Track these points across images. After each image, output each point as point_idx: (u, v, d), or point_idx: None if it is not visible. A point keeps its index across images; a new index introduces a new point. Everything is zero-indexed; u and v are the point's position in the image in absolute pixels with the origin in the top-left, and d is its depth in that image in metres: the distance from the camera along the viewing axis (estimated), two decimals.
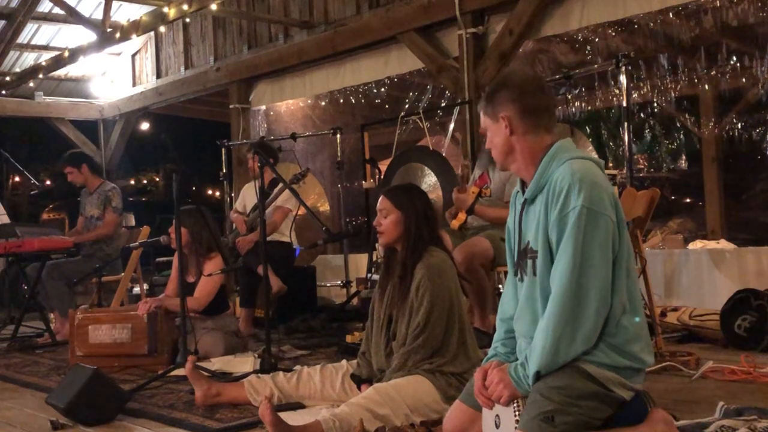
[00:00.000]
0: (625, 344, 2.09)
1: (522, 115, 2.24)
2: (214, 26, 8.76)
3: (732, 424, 2.44)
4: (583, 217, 2.04)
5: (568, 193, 2.07)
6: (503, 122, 2.27)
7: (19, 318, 5.89)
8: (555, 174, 2.14)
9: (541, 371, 2.06)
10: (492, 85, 2.35)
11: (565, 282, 2.04)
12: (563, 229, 2.07)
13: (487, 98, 2.31)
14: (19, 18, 8.59)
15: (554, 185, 2.12)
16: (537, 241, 2.16)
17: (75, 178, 6.18)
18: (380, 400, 2.73)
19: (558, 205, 2.09)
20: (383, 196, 3.15)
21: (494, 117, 2.28)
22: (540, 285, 2.15)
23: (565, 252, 2.05)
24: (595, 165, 2.19)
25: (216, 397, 3.31)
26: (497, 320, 2.40)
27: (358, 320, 5.61)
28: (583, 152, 2.29)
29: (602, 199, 2.08)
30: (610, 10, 5.47)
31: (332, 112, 9.05)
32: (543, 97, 2.27)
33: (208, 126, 11.81)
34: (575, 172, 2.10)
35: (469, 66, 5.94)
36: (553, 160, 2.19)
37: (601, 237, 2.06)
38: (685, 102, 9.66)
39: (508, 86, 2.28)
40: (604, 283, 2.05)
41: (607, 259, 2.06)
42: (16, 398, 3.84)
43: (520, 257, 2.25)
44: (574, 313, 2.03)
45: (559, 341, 2.04)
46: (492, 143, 2.33)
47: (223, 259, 4.62)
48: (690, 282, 5.42)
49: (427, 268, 2.97)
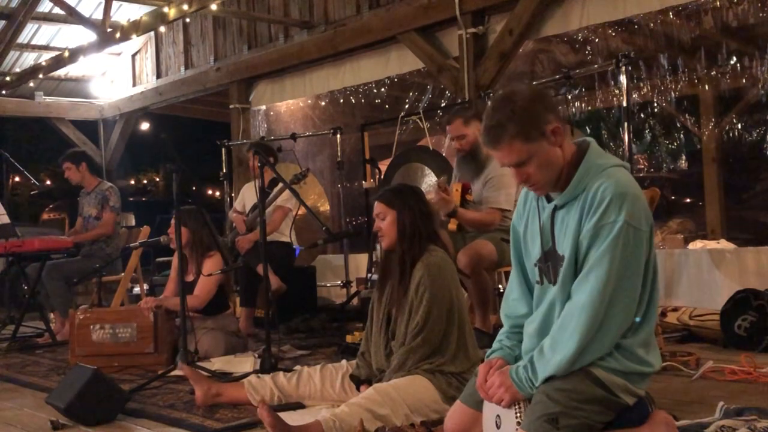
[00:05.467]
0: (637, 349, 2.10)
1: (561, 121, 2.11)
2: (214, 26, 8.76)
3: (732, 424, 2.44)
4: (623, 233, 2.01)
5: (609, 205, 2.03)
6: (552, 136, 2.08)
7: (19, 318, 5.89)
8: (595, 182, 2.08)
9: (555, 375, 2.07)
10: (502, 110, 2.07)
11: (597, 296, 2.01)
12: (597, 240, 2.04)
13: (512, 122, 2.05)
14: (19, 18, 8.59)
15: (595, 194, 2.06)
16: (565, 248, 2.12)
17: (72, 175, 6.17)
18: (380, 400, 2.73)
19: (597, 215, 2.04)
20: (377, 201, 3.15)
21: (533, 136, 2.06)
22: (561, 291, 2.13)
23: (601, 265, 2.02)
24: (627, 171, 2.16)
25: (216, 397, 3.31)
26: (503, 315, 2.38)
27: (358, 320, 5.61)
28: (613, 156, 2.22)
29: (642, 214, 2.06)
30: (610, 10, 5.47)
31: (332, 112, 9.06)
32: (553, 98, 2.19)
33: (208, 126, 11.82)
34: (619, 184, 2.06)
35: (469, 66, 5.94)
36: (591, 167, 2.12)
37: (638, 255, 2.04)
38: (685, 102, 9.66)
39: (532, 98, 2.08)
40: (633, 301, 2.06)
41: (639, 275, 2.06)
42: (16, 398, 3.84)
43: (543, 261, 2.20)
44: (600, 327, 2.03)
45: (580, 352, 2.03)
46: (536, 170, 2.09)
47: (222, 258, 4.62)
48: (690, 282, 5.41)
49: (426, 267, 2.97)
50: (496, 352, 2.30)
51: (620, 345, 2.08)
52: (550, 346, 2.08)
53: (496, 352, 2.30)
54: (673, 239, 7.26)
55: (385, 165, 6.45)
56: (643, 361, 2.10)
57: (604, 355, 2.07)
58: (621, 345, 2.08)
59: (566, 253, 2.11)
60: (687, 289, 5.42)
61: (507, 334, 2.34)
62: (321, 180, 8.56)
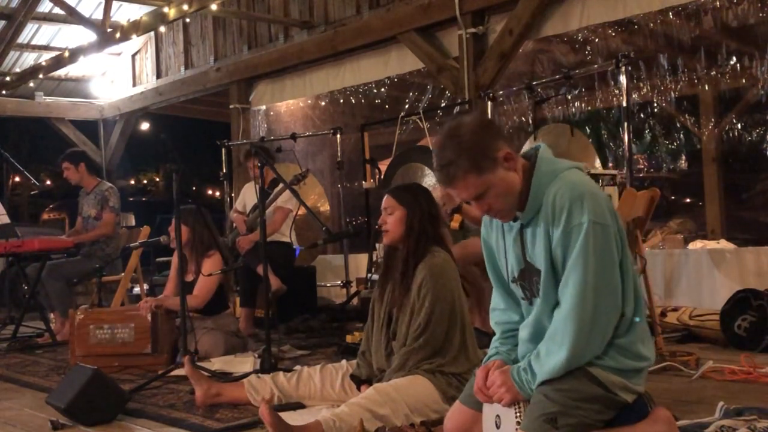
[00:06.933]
0: (631, 345, 2.10)
1: (510, 146, 2.12)
2: (214, 26, 8.76)
3: (732, 424, 2.44)
4: (592, 233, 2.02)
5: (571, 208, 2.04)
6: (505, 162, 2.08)
7: (19, 318, 5.89)
8: (550, 191, 2.09)
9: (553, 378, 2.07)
10: (450, 147, 2.07)
11: (580, 298, 2.02)
12: (569, 245, 2.04)
13: (462, 157, 2.05)
14: (19, 18, 8.60)
15: (554, 202, 2.07)
16: (540, 262, 2.12)
17: (71, 175, 6.15)
18: (380, 400, 2.73)
19: (562, 222, 2.05)
20: (388, 195, 3.15)
21: (486, 166, 2.06)
22: (545, 302, 2.13)
23: (576, 269, 2.03)
24: (581, 171, 2.17)
25: (216, 397, 3.31)
26: (493, 324, 2.39)
27: (358, 320, 5.61)
28: (561, 160, 2.20)
29: (604, 209, 2.07)
30: (610, 10, 5.47)
31: (332, 112, 9.06)
32: (494, 121, 2.17)
33: (208, 126, 11.82)
34: (573, 186, 2.07)
35: (469, 66, 5.94)
36: (542, 177, 2.12)
37: (610, 250, 2.05)
38: (685, 102, 9.66)
39: (477, 129, 2.08)
40: (616, 294, 2.06)
41: (615, 268, 2.06)
42: (16, 398, 3.84)
43: (522, 279, 2.21)
44: (590, 327, 2.03)
45: (575, 356, 2.04)
46: (496, 199, 2.10)
47: (222, 258, 4.63)
48: (690, 282, 5.41)
49: (429, 268, 2.96)
50: (493, 357, 2.30)
51: (617, 344, 2.09)
52: (546, 352, 2.09)
53: (493, 357, 2.31)
54: (673, 239, 7.25)
55: (385, 165, 6.45)
56: (639, 356, 2.11)
57: (601, 354, 2.07)
58: (617, 344, 2.09)
59: (542, 267, 2.12)
60: (687, 289, 5.42)
61: (500, 340, 2.35)
62: (321, 180, 8.56)
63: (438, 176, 2.13)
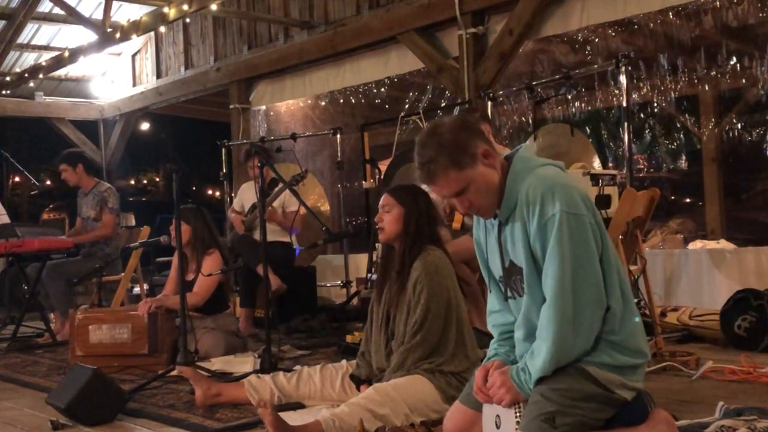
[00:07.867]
0: (625, 340, 2.10)
1: (489, 144, 2.16)
2: (214, 26, 8.76)
3: (732, 424, 2.44)
4: (564, 222, 2.03)
5: (543, 201, 2.06)
6: (485, 159, 2.13)
7: (19, 318, 5.89)
8: (522, 187, 2.11)
9: (547, 376, 2.07)
10: (431, 145, 2.12)
11: (558, 290, 2.03)
12: (546, 238, 2.05)
13: (442, 154, 2.09)
14: (19, 18, 8.59)
15: (527, 197, 2.09)
16: (521, 259, 2.14)
17: (68, 176, 6.13)
18: (380, 400, 2.73)
19: (536, 216, 2.07)
20: (387, 193, 3.17)
21: (466, 162, 2.10)
22: (531, 299, 2.14)
23: (553, 261, 2.04)
24: (558, 168, 2.18)
25: (216, 397, 3.31)
26: (490, 327, 2.40)
27: (358, 320, 5.61)
28: (540, 158, 2.22)
29: (578, 200, 2.07)
30: (610, 10, 5.48)
31: (332, 112, 9.06)
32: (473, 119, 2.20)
33: (208, 126, 11.82)
34: (545, 179, 2.09)
35: (469, 66, 5.94)
36: (517, 175, 2.15)
37: (585, 238, 2.05)
38: (685, 102, 9.66)
39: (456, 128, 2.13)
40: (597, 283, 2.06)
41: (594, 259, 2.06)
42: (16, 398, 3.84)
43: (507, 277, 2.23)
44: (573, 319, 2.03)
45: (560, 350, 2.04)
46: (476, 195, 2.13)
47: (222, 257, 4.63)
48: (690, 282, 5.42)
49: (424, 265, 2.97)
50: (492, 359, 2.31)
51: (610, 340, 2.09)
52: (536, 349, 2.09)
53: (492, 359, 2.31)
54: (673, 239, 7.25)
55: (385, 165, 6.45)
56: (634, 352, 2.11)
57: (594, 350, 2.07)
58: (610, 340, 2.09)
59: (523, 264, 2.13)
60: (687, 289, 5.43)
61: (498, 342, 2.35)
62: (321, 180, 8.56)
63: (420, 174, 2.17)
